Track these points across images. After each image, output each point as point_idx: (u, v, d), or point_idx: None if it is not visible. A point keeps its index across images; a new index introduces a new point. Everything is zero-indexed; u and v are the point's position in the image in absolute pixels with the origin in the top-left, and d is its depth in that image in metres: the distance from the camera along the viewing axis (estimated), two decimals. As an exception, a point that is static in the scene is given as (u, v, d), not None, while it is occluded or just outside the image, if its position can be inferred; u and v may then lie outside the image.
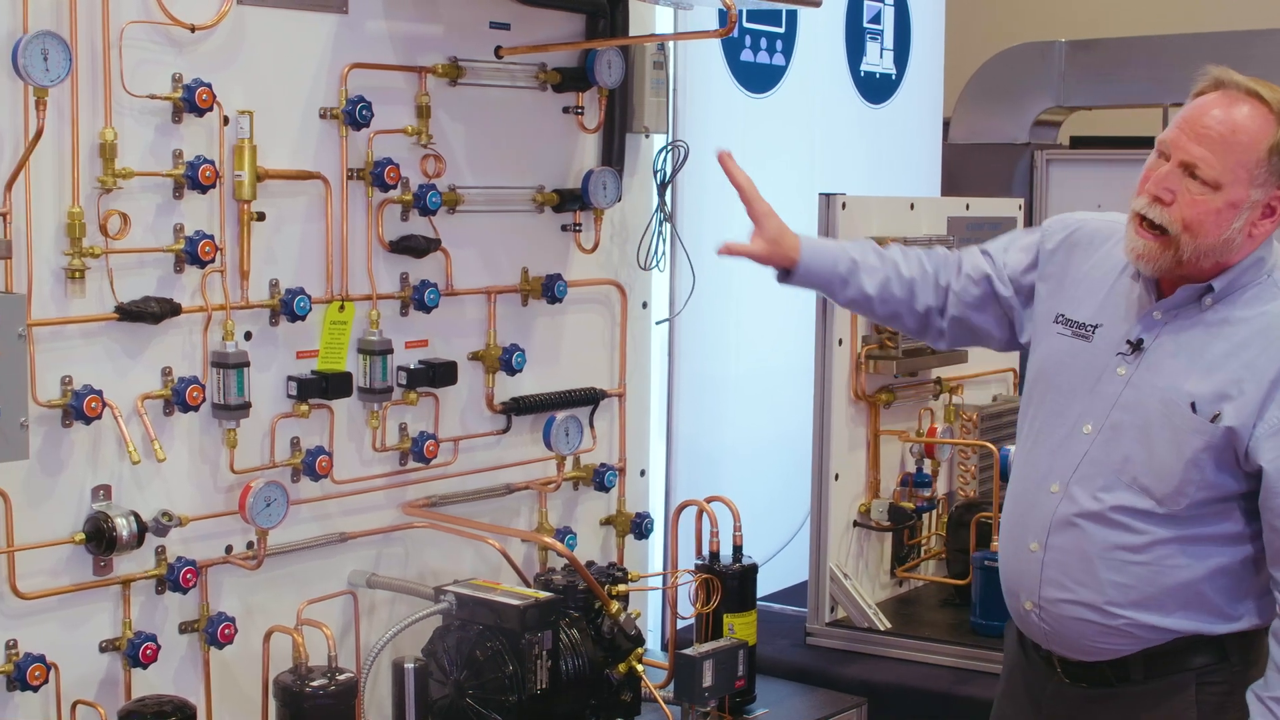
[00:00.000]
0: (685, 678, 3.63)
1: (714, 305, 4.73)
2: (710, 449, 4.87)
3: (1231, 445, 2.82)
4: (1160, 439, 2.88)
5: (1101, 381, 2.98)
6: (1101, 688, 2.99)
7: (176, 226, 3.28)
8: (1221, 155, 2.80)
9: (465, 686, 3.46)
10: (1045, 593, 3.01)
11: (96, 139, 3.12)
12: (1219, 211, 2.81)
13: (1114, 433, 2.94)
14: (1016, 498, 3.13)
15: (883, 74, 5.64)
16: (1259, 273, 2.90)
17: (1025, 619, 3.07)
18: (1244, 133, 2.79)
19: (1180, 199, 2.83)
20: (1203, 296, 2.91)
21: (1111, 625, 2.94)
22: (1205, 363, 2.87)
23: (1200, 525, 2.89)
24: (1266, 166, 2.80)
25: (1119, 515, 2.92)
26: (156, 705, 3.11)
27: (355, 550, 3.70)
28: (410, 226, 3.73)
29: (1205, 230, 2.83)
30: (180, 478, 3.34)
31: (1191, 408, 2.85)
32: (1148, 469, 2.90)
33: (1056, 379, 3.07)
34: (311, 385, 3.52)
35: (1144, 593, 2.91)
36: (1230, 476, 2.85)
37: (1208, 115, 2.83)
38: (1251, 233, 2.85)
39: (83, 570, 3.19)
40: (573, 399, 4.15)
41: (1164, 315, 2.95)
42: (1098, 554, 2.94)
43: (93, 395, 3.10)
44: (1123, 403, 2.94)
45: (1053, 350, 3.10)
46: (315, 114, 3.52)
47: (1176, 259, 2.87)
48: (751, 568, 3.95)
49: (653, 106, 4.26)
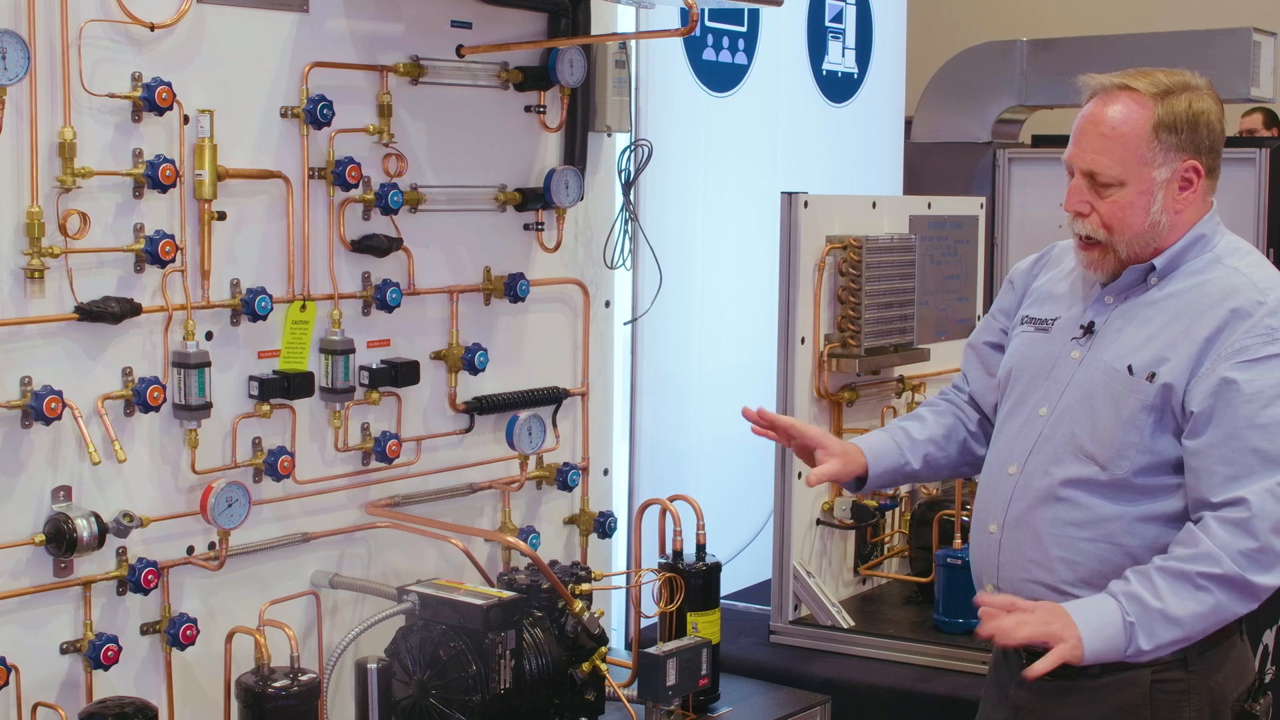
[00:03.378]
0: (649, 676, 3.63)
1: (676, 304, 4.74)
2: (673, 448, 4.88)
3: (1169, 404, 2.92)
4: (1101, 405, 2.98)
5: (1057, 367, 3.08)
6: (1061, 680, 3.01)
7: (137, 226, 3.26)
8: (1113, 154, 2.94)
9: (429, 686, 3.46)
10: (1004, 573, 3.08)
11: (55, 138, 3.10)
12: (1133, 204, 2.95)
13: (1064, 410, 3.03)
14: (982, 485, 3.21)
15: (845, 73, 5.66)
16: (1203, 249, 3.01)
17: None
18: (1124, 124, 2.93)
19: (1096, 207, 2.97)
20: (1148, 276, 3.01)
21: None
22: (1147, 334, 2.98)
23: (1146, 501, 2.96)
24: (1157, 145, 2.93)
25: (1067, 490, 2.99)
26: (118, 707, 3.09)
27: (318, 550, 3.69)
28: (372, 226, 3.73)
29: (1129, 225, 2.97)
30: (141, 478, 3.32)
31: (1129, 370, 2.95)
32: (1091, 436, 2.98)
33: (1020, 373, 3.16)
34: (273, 385, 3.51)
35: (1092, 569, 2.97)
36: (1170, 440, 2.93)
37: (1089, 122, 2.98)
38: (1177, 208, 2.97)
39: (43, 571, 3.17)
40: (536, 398, 4.15)
41: (1114, 298, 3.06)
42: (1048, 532, 3.01)
43: (52, 396, 3.09)
44: (1074, 383, 3.04)
45: (1018, 347, 3.20)
46: (276, 113, 3.51)
47: (1118, 258, 3.01)
48: (715, 566, 3.96)
49: (615, 105, 4.26)
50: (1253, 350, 2.87)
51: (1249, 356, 2.87)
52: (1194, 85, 2.98)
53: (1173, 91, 2.95)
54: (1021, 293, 3.31)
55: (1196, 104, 2.95)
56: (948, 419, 3.40)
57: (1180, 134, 2.94)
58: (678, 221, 4.78)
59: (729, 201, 5.06)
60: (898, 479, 3.44)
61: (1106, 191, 2.95)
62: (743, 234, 5.07)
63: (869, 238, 4.35)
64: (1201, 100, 2.97)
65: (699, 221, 4.94)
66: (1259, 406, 2.86)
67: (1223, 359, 2.88)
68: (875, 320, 4.38)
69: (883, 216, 4.58)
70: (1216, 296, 2.94)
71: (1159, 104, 2.93)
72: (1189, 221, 3.00)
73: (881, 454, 3.34)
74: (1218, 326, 2.91)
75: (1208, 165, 2.98)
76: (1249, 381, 2.86)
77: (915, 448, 3.36)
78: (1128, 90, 2.95)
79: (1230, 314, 2.91)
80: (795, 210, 4.23)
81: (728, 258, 5.05)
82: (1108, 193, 2.95)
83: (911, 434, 3.36)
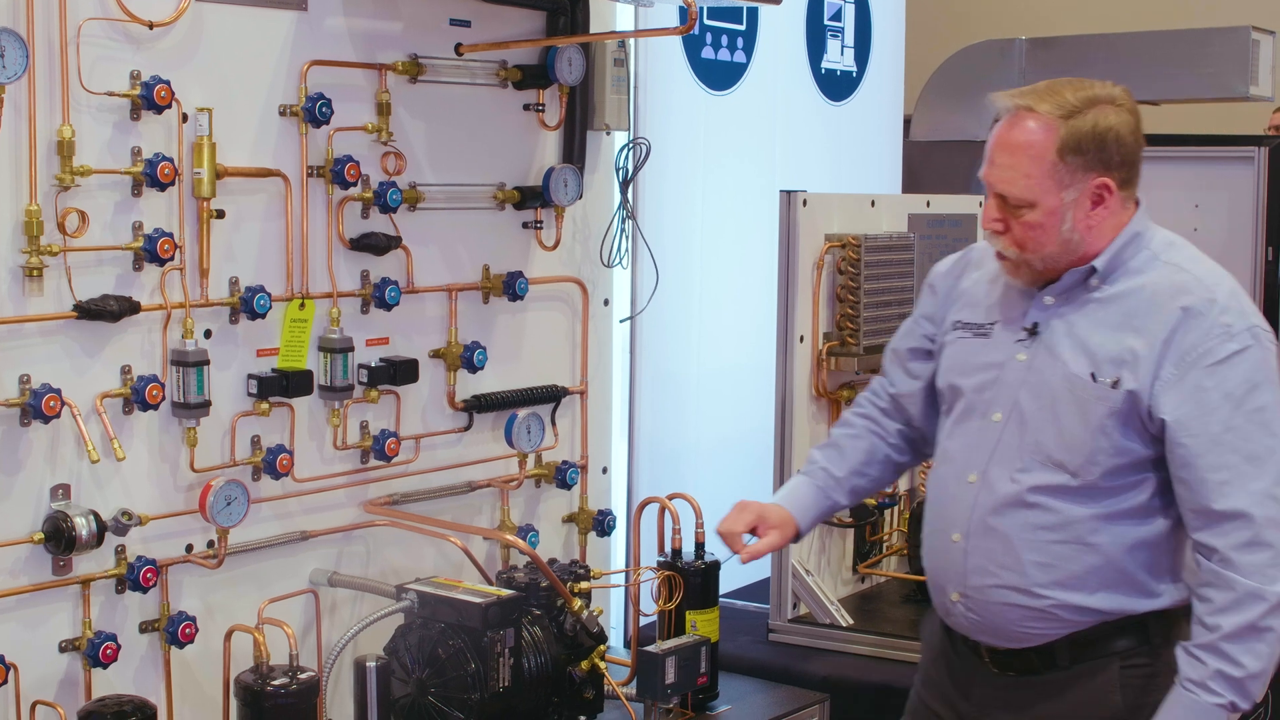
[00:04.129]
0: (648, 675, 3.63)
1: (675, 302, 4.74)
2: (672, 446, 4.88)
3: (1135, 408, 2.92)
4: (1067, 414, 2.97)
5: (1005, 370, 3.07)
6: (1029, 675, 3.06)
7: (135, 224, 3.26)
8: (1021, 176, 2.93)
9: (427, 685, 3.46)
10: (971, 581, 3.07)
11: (54, 136, 3.10)
12: (1043, 225, 2.95)
13: (1023, 417, 3.03)
14: (936, 494, 3.20)
15: (843, 71, 5.66)
16: (1138, 248, 3.01)
17: (952, 611, 3.13)
18: (1031, 148, 2.92)
19: (1010, 225, 2.97)
20: (1088, 278, 3.01)
21: (1037, 607, 2.99)
22: (1099, 337, 2.98)
23: (1116, 500, 2.97)
24: (1063, 167, 2.92)
25: (1037, 496, 2.99)
26: (116, 705, 3.09)
27: (316, 549, 3.69)
28: (371, 224, 3.73)
29: (1040, 244, 2.97)
30: (140, 477, 3.32)
31: (1091, 378, 2.95)
32: (1059, 444, 2.98)
33: (964, 379, 3.15)
34: (272, 383, 3.51)
35: (1067, 571, 2.98)
36: (1137, 440, 2.94)
37: (997, 146, 2.98)
38: (1090, 225, 2.97)
39: (42, 570, 3.17)
40: (534, 396, 4.15)
41: (1055, 299, 3.04)
42: (1019, 537, 3.01)
43: (51, 394, 3.09)
44: (1027, 387, 3.03)
45: (956, 353, 3.19)
46: (275, 111, 3.51)
47: (1036, 271, 3.02)
48: (714, 565, 3.96)
49: (613, 104, 4.26)
50: (1215, 352, 2.89)
51: (1213, 359, 2.89)
52: (1104, 99, 2.95)
53: (1079, 110, 2.92)
54: (945, 297, 3.29)
55: (1103, 121, 2.93)
56: (865, 442, 3.40)
57: (1087, 154, 2.92)
58: (676, 220, 4.78)
59: (728, 200, 5.06)
60: (827, 518, 3.51)
61: (1018, 212, 2.95)
62: (741, 232, 5.07)
63: (868, 236, 4.35)
64: (1109, 116, 2.94)
65: (698, 220, 4.94)
66: (1232, 408, 2.88)
67: (1187, 363, 2.89)
68: (874, 319, 4.38)
69: (881, 215, 4.58)
70: (1165, 296, 2.95)
71: (1064, 125, 2.91)
72: (1114, 227, 3.00)
73: (808, 506, 3.37)
74: (1172, 327, 2.91)
75: (1120, 179, 2.97)
76: (1218, 385, 2.88)
77: (839, 486, 3.38)
78: (1032, 113, 2.94)
79: (1183, 313, 2.91)
80: (794, 209, 4.23)
81: (726, 256, 5.05)
82: (1019, 213, 2.95)
83: (834, 473, 3.38)
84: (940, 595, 3.15)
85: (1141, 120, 3.00)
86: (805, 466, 3.43)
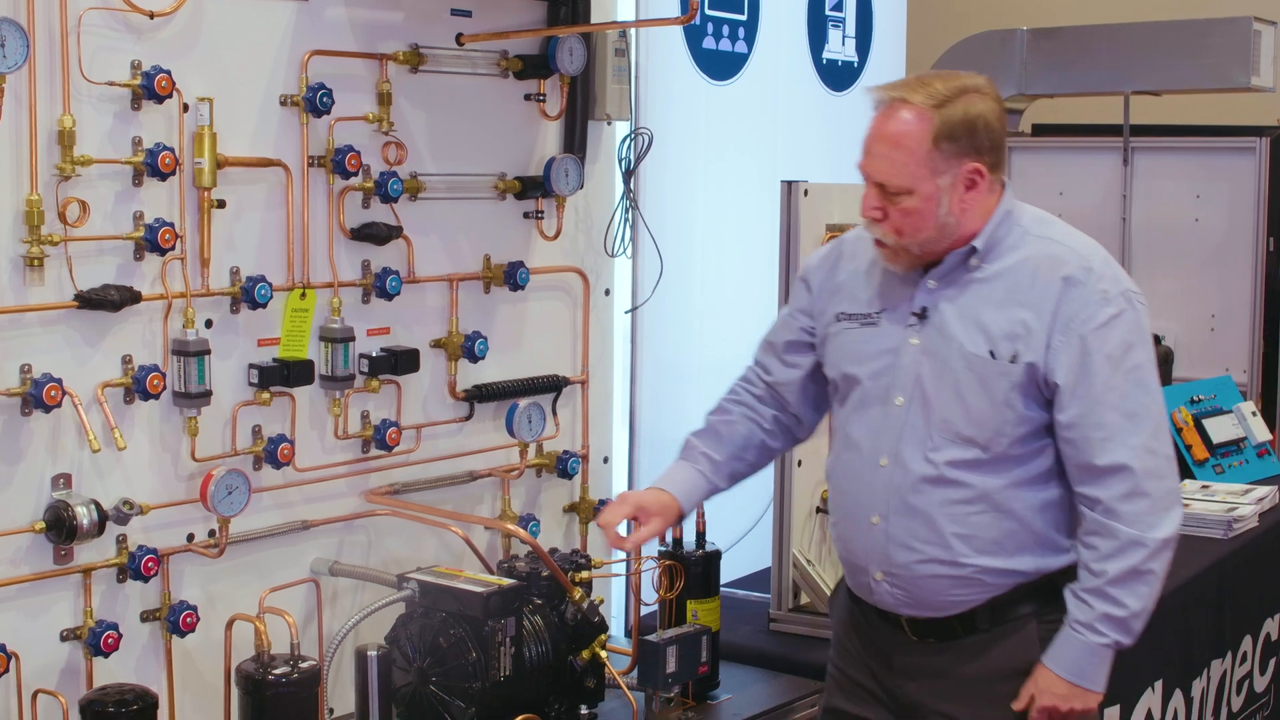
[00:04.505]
0: (649, 664, 3.64)
1: (676, 292, 4.74)
2: (673, 435, 4.83)
3: (1033, 379, 3.08)
4: (971, 391, 3.11)
5: (900, 355, 3.19)
6: (950, 640, 3.22)
7: (136, 214, 3.27)
8: (898, 166, 3.07)
9: (428, 673, 3.46)
10: (896, 559, 3.19)
11: (55, 126, 3.11)
12: (921, 211, 3.07)
13: (926, 398, 3.16)
14: (847, 480, 3.30)
15: (845, 61, 5.65)
16: (1011, 226, 3.16)
17: (875, 589, 3.24)
18: (906, 139, 3.06)
19: (889, 212, 3.10)
20: (969, 259, 3.15)
21: (962, 575, 3.14)
22: (989, 315, 3.12)
23: (1024, 468, 3.13)
24: (938, 154, 3.05)
25: (952, 471, 3.13)
26: (118, 694, 3.10)
27: (317, 538, 3.70)
28: (371, 214, 3.73)
29: (918, 229, 3.09)
30: (141, 466, 3.33)
31: (990, 355, 3.09)
32: (967, 421, 3.12)
33: (858, 367, 3.26)
34: (273, 373, 3.52)
35: (987, 539, 3.13)
36: (1038, 408, 3.10)
37: (874, 136, 3.12)
38: (964, 208, 3.10)
39: (43, 559, 3.18)
40: (535, 386, 4.15)
41: (939, 283, 3.17)
42: (939, 512, 3.14)
43: (52, 384, 3.09)
44: (926, 369, 3.16)
45: (845, 343, 3.29)
46: (275, 101, 3.51)
47: (914, 255, 3.14)
48: (714, 554, 3.97)
49: (615, 94, 4.26)
50: (1096, 316, 3.06)
51: (1095, 324, 3.05)
52: (971, 89, 3.10)
53: (950, 100, 3.06)
54: (820, 290, 3.40)
55: (973, 109, 3.08)
56: (742, 428, 3.49)
57: (959, 141, 3.06)
58: (678, 210, 4.78)
59: (729, 190, 5.06)
60: (705, 500, 3.57)
61: (896, 199, 3.07)
62: (742, 222, 5.06)
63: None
64: (977, 104, 3.09)
65: (699, 210, 4.94)
66: (1111, 369, 3.05)
67: (1072, 329, 3.05)
68: (875, 308, 4.37)
69: (882, 205, 4.57)
70: (1045, 268, 3.10)
71: (937, 114, 3.05)
72: (985, 211, 3.13)
73: (691, 490, 3.45)
74: (1056, 297, 3.07)
75: (990, 163, 3.11)
76: (1099, 348, 3.05)
77: (719, 470, 3.47)
78: (906, 104, 3.07)
79: (1064, 282, 3.07)
80: (795, 199, 4.23)
81: (728, 246, 5.05)
82: (897, 200, 3.07)
83: (713, 458, 3.46)
84: (861, 576, 3.28)
85: (1004, 107, 3.16)
86: (684, 452, 3.52)
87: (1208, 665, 4.82)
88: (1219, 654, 4.89)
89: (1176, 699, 4.58)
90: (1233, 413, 5.93)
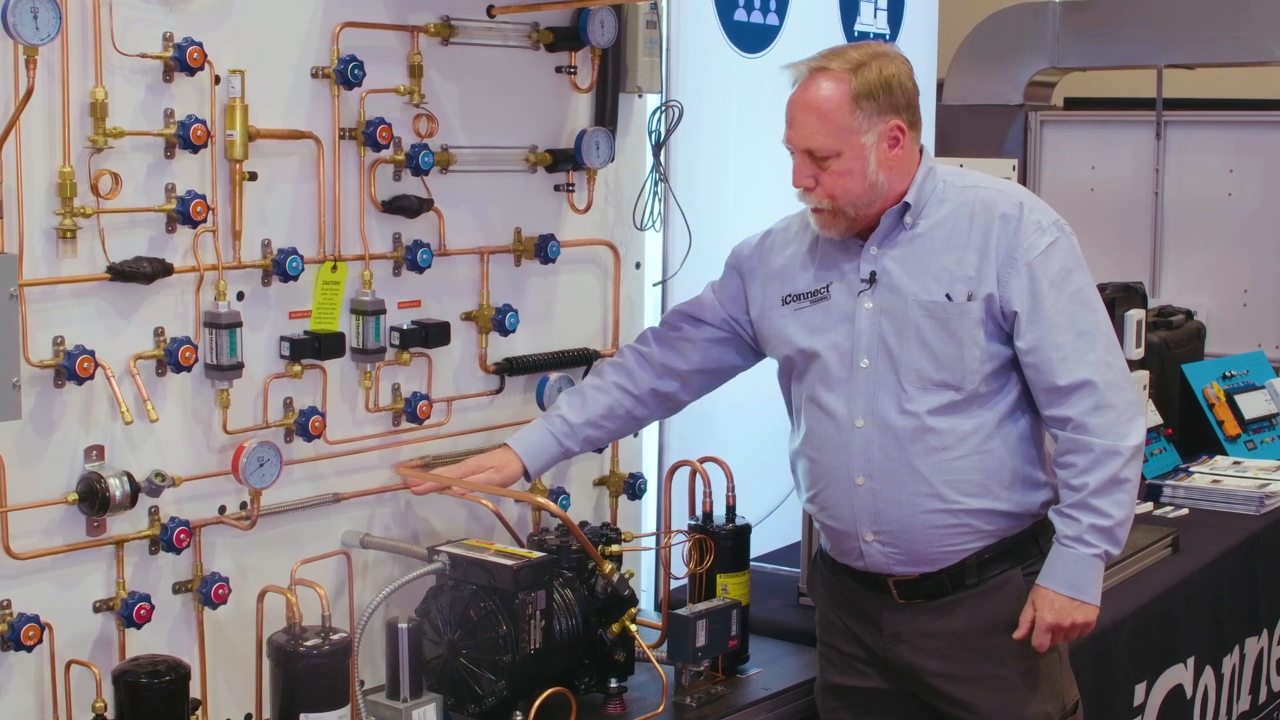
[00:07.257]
0: (678, 637, 3.64)
1: (707, 265, 4.71)
2: (703, 409, 4.85)
3: (991, 312, 3.31)
4: (935, 337, 3.33)
5: (857, 320, 3.40)
6: (937, 598, 3.37)
7: (168, 186, 3.27)
8: (823, 130, 3.29)
9: (459, 646, 3.47)
10: (887, 515, 3.34)
11: (87, 98, 3.11)
12: (851, 171, 3.30)
13: (890, 354, 3.36)
14: (822, 449, 3.44)
15: (876, 34, 5.62)
16: (936, 181, 3.40)
17: (864, 551, 3.39)
18: (827, 102, 3.29)
19: (820, 180, 3.32)
20: (903, 216, 3.37)
21: (955, 522, 3.34)
22: (935, 263, 3.34)
23: (994, 406, 3.35)
24: (859, 113, 3.28)
25: (931, 419, 3.33)
26: (150, 665, 3.11)
27: (348, 510, 3.70)
28: (403, 186, 3.73)
29: (851, 189, 3.32)
30: (173, 438, 3.34)
31: (947, 298, 3.31)
32: (937, 366, 3.33)
33: (815, 340, 3.43)
34: (304, 345, 3.52)
35: (974, 482, 3.34)
36: (1000, 343, 3.33)
37: (797, 106, 3.35)
38: (890, 165, 3.32)
39: (76, 531, 3.19)
40: (566, 359, 4.15)
41: (880, 246, 3.39)
42: (923, 462, 3.34)
43: (85, 355, 3.10)
44: (885, 327, 3.36)
45: (799, 321, 3.48)
46: (307, 73, 3.51)
47: (849, 218, 3.36)
48: (745, 528, 3.97)
49: (646, 66, 4.25)
50: (1036, 246, 3.29)
51: (1036, 252, 3.29)
52: (882, 53, 3.33)
53: (864, 64, 3.29)
54: (753, 276, 3.60)
55: (887, 69, 3.30)
56: (609, 397, 3.67)
57: (878, 99, 3.28)
58: (708, 183, 4.77)
59: (759, 163, 5.04)
60: (558, 463, 3.78)
61: (826, 164, 3.29)
62: (773, 196, 5.04)
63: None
64: (890, 65, 3.31)
65: (730, 183, 4.92)
66: (1056, 293, 3.28)
67: (1016, 260, 3.29)
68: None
69: (914, 178, 4.55)
70: (980, 211, 3.34)
71: (854, 77, 3.28)
72: (909, 170, 3.36)
73: (539, 451, 3.65)
74: (996, 234, 3.31)
75: (908, 120, 3.34)
76: (1044, 274, 3.28)
77: (573, 434, 3.65)
78: (825, 71, 3.30)
79: (1001, 220, 3.32)
80: (826, 172, 4.21)
81: (758, 220, 5.03)
82: (828, 164, 3.29)
83: (570, 420, 3.65)
84: (848, 541, 3.42)
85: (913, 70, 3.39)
86: (547, 411, 3.71)
87: (1240, 642, 4.81)
88: (1253, 631, 4.88)
89: (1207, 675, 4.58)
90: (1265, 388, 5.91)
